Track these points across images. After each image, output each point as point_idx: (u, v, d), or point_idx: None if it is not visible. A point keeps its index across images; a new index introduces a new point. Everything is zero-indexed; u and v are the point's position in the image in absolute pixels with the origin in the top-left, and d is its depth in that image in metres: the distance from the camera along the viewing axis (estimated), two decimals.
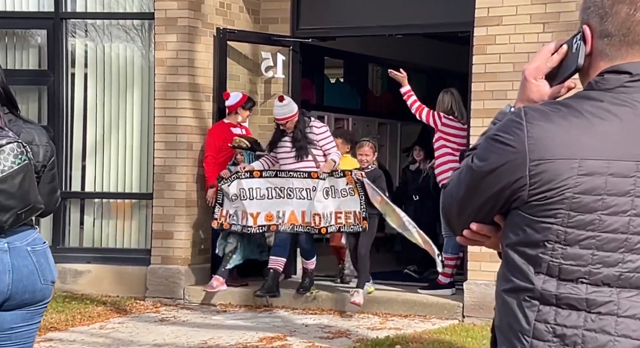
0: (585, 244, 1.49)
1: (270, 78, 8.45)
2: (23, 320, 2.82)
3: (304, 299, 7.40)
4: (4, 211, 2.68)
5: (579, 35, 1.60)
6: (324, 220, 7.05)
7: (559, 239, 1.50)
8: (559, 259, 1.50)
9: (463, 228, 1.63)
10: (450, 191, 1.62)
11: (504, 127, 1.55)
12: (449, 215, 1.64)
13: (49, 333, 6.31)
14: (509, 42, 6.85)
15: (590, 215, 1.49)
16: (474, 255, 6.89)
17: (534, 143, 1.50)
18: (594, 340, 1.49)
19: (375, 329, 6.54)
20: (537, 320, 1.51)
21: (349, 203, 7.00)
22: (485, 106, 6.89)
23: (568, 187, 1.48)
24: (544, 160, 1.49)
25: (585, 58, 1.59)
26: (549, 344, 1.50)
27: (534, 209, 1.51)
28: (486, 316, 6.66)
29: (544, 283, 1.51)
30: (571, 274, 1.50)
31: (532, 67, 1.65)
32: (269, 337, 6.25)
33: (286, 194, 7.14)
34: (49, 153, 2.87)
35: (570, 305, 1.50)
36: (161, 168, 7.83)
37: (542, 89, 1.64)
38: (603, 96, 1.54)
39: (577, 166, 1.48)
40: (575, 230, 1.49)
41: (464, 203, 1.59)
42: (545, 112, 1.53)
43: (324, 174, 7.04)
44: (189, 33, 7.81)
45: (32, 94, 8.26)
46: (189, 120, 7.85)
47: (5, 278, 2.72)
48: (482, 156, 1.55)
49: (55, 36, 8.14)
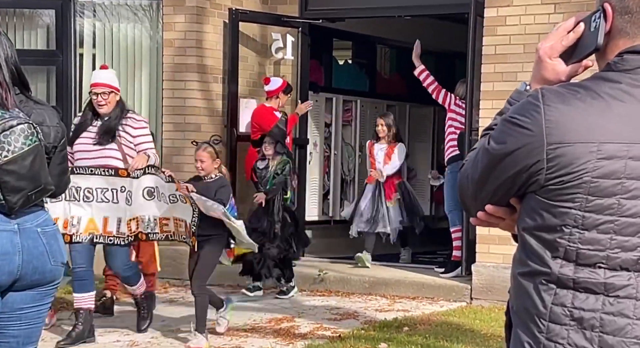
0: (604, 228, 1.48)
1: (279, 60, 8.43)
2: (33, 300, 2.83)
3: (311, 281, 7.41)
4: (15, 192, 2.68)
5: (597, 13, 1.57)
6: (143, 225, 5.48)
7: (576, 223, 1.48)
8: (577, 244, 1.48)
9: (478, 210, 1.61)
10: (466, 171, 1.60)
11: (520, 110, 1.52)
12: (465, 196, 1.62)
13: (59, 314, 6.34)
14: (520, 23, 6.80)
15: (609, 199, 1.47)
16: (482, 238, 6.88)
17: (552, 126, 1.47)
18: (612, 323, 1.48)
19: (383, 311, 6.56)
20: (553, 304, 1.50)
21: (180, 210, 5.41)
22: (495, 87, 6.85)
23: (586, 171, 1.46)
24: (562, 144, 1.47)
25: (604, 37, 1.56)
26: (566, 328, 1.49)
27: (551, 193, 1.49)
28: (494, 298, 6.67)
29: (561, 267, 1.50)
30: (589, 259, 1.48)
31: (547, 45, 1.62)
32: (277, 318, 6.27)
33: (83, 197, 5.50)
34: (60, 134, 2.87)
35: (587, 289, 1.49)
36: (169, 150, 7.82)
37: (558, 68, 1.61)
38: (622, 77, 1.51)
39: (595, 150, 1.46)
40: (593, 214, 1.47)
41: (480, 184, 1.57)
42: (562, 94, 1.50)
43: (137, 172, 5.42)
44: (197, 14, 7.77)
45: (40, 75, 8.25)
46: (197, 101, 7.84)
47: (15, 259, 2.72)
48: (499, 138, 1.53)
49: (64, 16, 8.12)
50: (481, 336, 5.66)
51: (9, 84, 2.74)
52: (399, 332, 5.73)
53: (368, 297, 7.10)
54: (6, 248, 2.71)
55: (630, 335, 1.47)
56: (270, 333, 5.81)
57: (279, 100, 7.92)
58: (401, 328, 5.86)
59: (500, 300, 6.59)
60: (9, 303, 2.79)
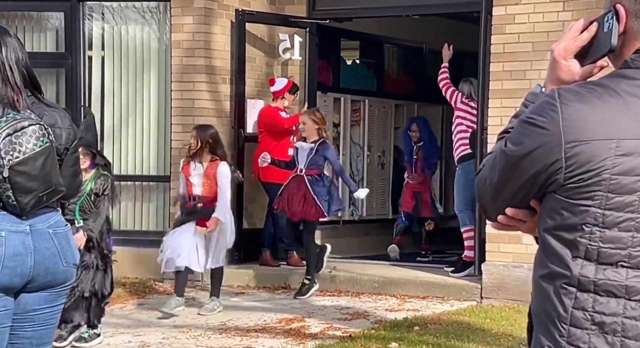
0: (625, 226, 1.46)
1: (287, 60, 8.43)
2: (46, 302, 2.84)
3: (321, 281, 7.41)
4: (26, 193, 2.69)
5: (610, 13, 1.56)
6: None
7: (597, 222, 1.47)
8: (598, 242, 1.47)
9: (498, 214, 1.59)
10: (484, 176, 1.59)
11: (537, 110, 1.51)
12: (484, 201, 1.61)
13: None
14: (528, 21, 6.78)
15: (630, 196, 1.46)
16: (492, 236, 6.87)
17: (569, 124, 1.47)
18: (634, 328, 1.46)
19: (393, 311, 6.55)
20: (574, 308, 1.48)
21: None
22: (503, 86, 6.84)
23: (606, 168, 1.45)
24: (580, 142, 1.46)
25: (619, 38, 1.55)
26: (587, 332, 1.47)
27: (571, 192, 1.48)
28: (505, 297, 6.65)
29: (582, 268, 1.48)
30: (610, 257, 1.47)
31: (561, 47, 1.61)
32: (288, 318, 6.27)
33: None
34: (72, 136, 2.88)
35: (609, 292, 1.47)
36: (178, 151, 7.83)
37: (573, 69, 1.61)
38: (639, 74, 1.50)
39: (614, 147, 1.45)
40: (613, 212, 1.46)
41: (499, 188, 1.56)
42: (579, 92, 1.50)
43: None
44: (205, 15, 7.79)
45: (49, 77, 8.27)
46: (205, 102, 7.85)
47: (27, 260, 2.73)
48: (516, 139, 1.52)
49: (72, 19, 8.14)
50: (492, 335, 5.65)
51: (20, 86, 2.75)
52: (409, 332, 5.72)
53: (378, 297, 7.09)
54: (18, 249, 2.72)
55: None
56: (281, 334, 5.81)
57: (284, 100, 7.95)
58: (412, 327, 5.86)
59: (511, 299, 6.57)
60: (22, 305, 2.80)
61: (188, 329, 5.98)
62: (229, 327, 6.06)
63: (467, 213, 7.47)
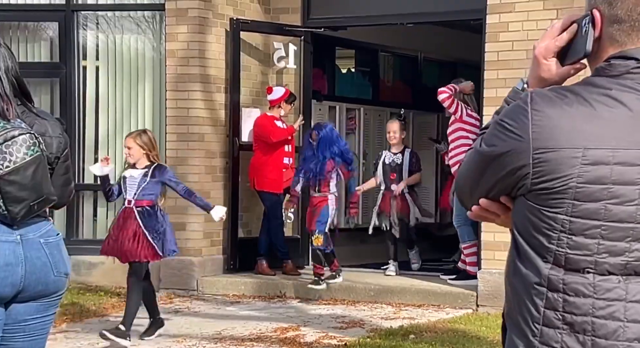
0: (591, 233, 1.47)
1: (282, 69, 8.44)
2: (37, 312, 2.83)
3: (317, 290, 7.40)
4: (17, 202, 2.68)
5: (587, 18, 1.57)
6: None
7: (564, 228, 1.48)
8: (565, 249, 1.49)
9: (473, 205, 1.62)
10: (462, 171, 1.62)
11: (510, 113, 1.53)
12: (462, 194, 1.64)
13: (64, 325, 6.33)
14: (522, 29, 6.80)
15: (596, 204, 1.47)
16: (487, 244, 6.86)
17: (538, 130, 1.48)
18: (604, 326, 1.47)
19: (389, 319, 6.54)
20: (546, 308, 1.50)
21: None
22: (497, 94, 6.85)
23: (572, 176, 1.46)
24: (548, 149, 1.47)
25: (594, 43, 1.56)
26: (559, 331, 1.49)
27: (539, 198, 1.50)
28: (500, 305, 6.61)
29: (551, 270, 1.50)
30: (577, 263, 1.48)
31: (542, 45, 1.63)
32: (283, 327, 6.25)
33: None
34: (63, 145, 2.87)
35: (577, 291, 1.48)
36: (173, 160, 7.83)
37: (552, 69, 1.62)
38: (609, 82, 1.51)
39: (580, 156, 1.46)
40: (580, 219, 1.47)
41: (474, 183, 1.59)
42: (551, 98, 1.51)
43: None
44: (200, 24, 7.80)
45: (44, 87, 8.27)
46: (200, 111, 7.85)
47: (18, 270, 2.72)
48: (489, 140, 1.55)
49: (67, 28, 8.15)
50: (487, 343, 5.64)
51: (10, 95, 2.74)
52: (405, 340, 5.71)
53: (374, 305, 7.08)
54: (9, 259, 2.71)
55: (622, 338, 1.47)
56: (276, 342, 5.79)
57: (281, 109, 7.95)
58: (407, 336, 5.84)
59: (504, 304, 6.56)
60: (13, 315, 2.79)
61: (183, 338, 5.96)
62: (224, 336, 6.04)
63: (465, 228, 7.32)
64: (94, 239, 8.22)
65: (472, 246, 7.36)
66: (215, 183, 7.89)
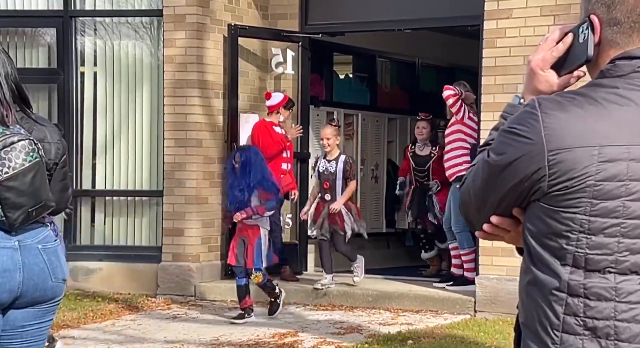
0: (610, 232, 1.47)
1: (279, 74, 8.45)
2: (35, 318, 2.83)
3: (315, 295, 7.39)
4: (15, 208, 2.68)
5: (585, 24, 1.57)
6: None
7: (582, 228, 1.47)
8: (584, 249, 1.47)
9: (482, 223, 1.59)
10: (467, 187, 1.59)
11: (518, 120, 1.53)
12: (468, 212, 1.61)
13: (62, 331, 6.32)
14: (519, 35, 6.81)
15: (614, 202, 1.46)
16: (485, 250, 6.86)
17: (551, 133, 1.48)
18: (627, 330, 1.46)
19: (387, 325, 6.53)
20: (566, 314, 1.48)
21: None
22: (495, 99, 6.86)
23: (589, 175, 1.46)
24: (562, 149, 1.47)
25: (594, 48, 1.56)
26: (580, 337, 1.47)
27: (555, 199, 1.49)
28: (498, 311, 6.64)
29: (571, 273, 1.48)
30: (598, 264, 1.47)
31: (538, 57, 1.63)
32: (281, 333, 6.25)
33: None
34: (61, 151, 2.87)
35: (599, 295, 1.47)
36: (171, 165, 7.83)
37: (551, 80, 1.62)
38: (616, 82, 1.52)
39: (597, 154, 1.46)
40: (599, 218, 1.47)
41: (483, 198, 1.57)
42: (559, 101, 1.51)
43: None
44: (198, 30, 7.80)
45: (42, 93, 8.27)
46: (198, 117, 7.85)
47: (16, 276, 2.72)
48: (499, 149, 1.53)
49: (65, 34, 8.15)
50: None
51: (10, 101, 2.75)
52: (403, 346, 5.70)
53: (372, 311, 7.07)
54: (7, 265, 2.71)
55: None
56: None
57: (279, 115, 7.95)
58: (405, 341, 5.84)
59: (505, 313, 6.56)
60: (11, 321, 2.79)
61: (180, 344, 5.95)
62: (222, 342, 6.03)
63: (465, 234, 7.24)
64: (92, 245, 8.22)
65: (471, 253, 7.35)
66: (213, 189, 7.89)
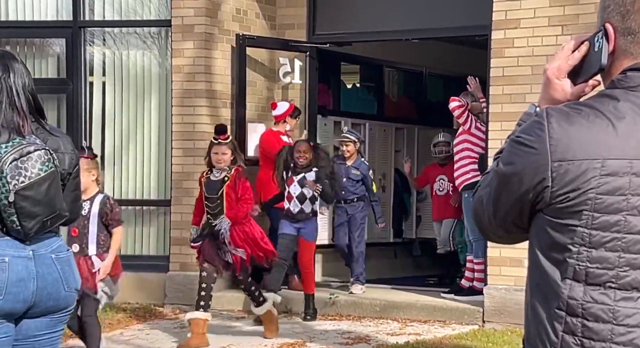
0: (611, 246, 1.47)
1: (287, 84, 8.47)
2: (47, 327, 2.83)
3: (322, 305, 7.39)
4: (30, 218, 2.69)
5: (600, 33, 1.58)
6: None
7: (583, 241, 1.47)
8: (585, 262, 1.48)
9: (496, 233, 1.61)
10: (480, 196, 1.61)
11: (526, 129, 1.54)
12: (481, 221, 1.62)
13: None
14: (527, 45, 6.82)
15: (615, 216, 1.46)
16: (493, 260, 6.85)
17: (556, 143, 1.49)
18: None
19: (394, 335, 6.52)
20: (564, 332, 1.48)
21: None
22: (503, 109, 6.86)
23: (591, 188, 1.46)
24: (566, 161, 1.47)
25: (608, 57, 1.57)
26: None
27: (558, 211, 1.49)
28: (507, 321, 6.62)
29: (571, 290, 1.48)
30: (598, 278, 1.47)
31: (554, 66, 1.64)
32: (289, 343, 6.24)
33: None
34: (74, 161, 2.89)
35: (596, 316, 1.47)
36: (179, 175, 7.84)
37: (566, 88, 1.63)
38: (625, 94, 1.52)
39: (599, 166, 1.46)
40: (600, 231, 1.47)
41: (494, 207, 1.58)
42: (567, 113, 1.52)
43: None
44: (206, 40, 7.83)
45: (51, 103, 8.29)
46: (206, 126, 7.86)
47: (30, 286, 2.73)
48: (507, 159, 1.55)
49: (74, 45, 8.19)
50: None
51: (26, 112, 2.77)
52: None
53: (379, 321, 7.06)
54: (21, 274, 2.72)
55: None
56: None
57: (286, 124, 7.97)
58: None
59: (513, 323, 6.54)
60: (23, 331, 2.79)
61: None
62: None
63: (481, 243, 7.15)
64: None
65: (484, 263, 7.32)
66: None
